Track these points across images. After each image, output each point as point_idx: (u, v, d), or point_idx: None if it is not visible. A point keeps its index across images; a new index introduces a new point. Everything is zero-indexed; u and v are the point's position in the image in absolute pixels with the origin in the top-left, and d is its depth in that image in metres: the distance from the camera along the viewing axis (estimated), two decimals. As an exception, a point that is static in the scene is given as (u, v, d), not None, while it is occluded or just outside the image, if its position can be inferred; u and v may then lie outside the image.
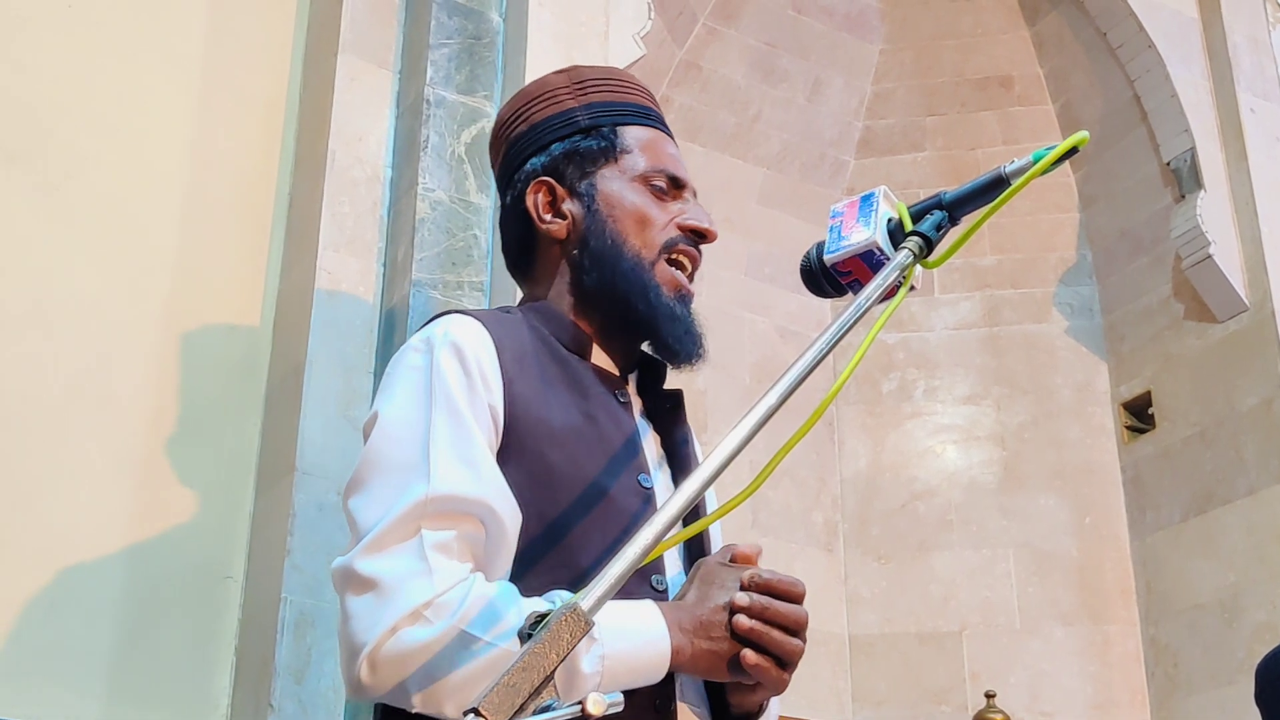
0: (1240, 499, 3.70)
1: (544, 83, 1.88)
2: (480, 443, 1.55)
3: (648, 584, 1.59)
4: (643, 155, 1.80)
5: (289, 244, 2.90)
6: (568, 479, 1.59)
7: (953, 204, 1.50)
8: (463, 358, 1.60)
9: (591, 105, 1.83)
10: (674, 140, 1.88)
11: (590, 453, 1.63)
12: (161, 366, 2.74)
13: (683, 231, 1.77)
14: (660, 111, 1.90)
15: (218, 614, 2.62)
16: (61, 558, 2.53)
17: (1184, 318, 3.95)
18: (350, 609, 1.47)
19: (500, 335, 1.65)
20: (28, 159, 2.73)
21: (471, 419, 1.56)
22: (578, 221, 1.77)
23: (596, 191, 1.77)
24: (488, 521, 1.52)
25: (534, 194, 1.79)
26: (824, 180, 4.35)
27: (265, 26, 3.11)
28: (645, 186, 1.78)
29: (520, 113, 1.86)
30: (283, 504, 2.54)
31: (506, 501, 1.53)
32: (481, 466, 1.53)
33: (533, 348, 1.67)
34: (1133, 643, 3.90)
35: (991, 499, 4.09)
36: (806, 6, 4.23)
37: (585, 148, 1.79)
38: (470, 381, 1.58)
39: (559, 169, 1.79)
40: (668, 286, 1.74)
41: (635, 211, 1.76)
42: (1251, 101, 3.96)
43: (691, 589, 1.55)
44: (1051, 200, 4.28)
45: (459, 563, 1.47)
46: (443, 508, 1.49)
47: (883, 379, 4.27)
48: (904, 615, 4.00)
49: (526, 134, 1.84)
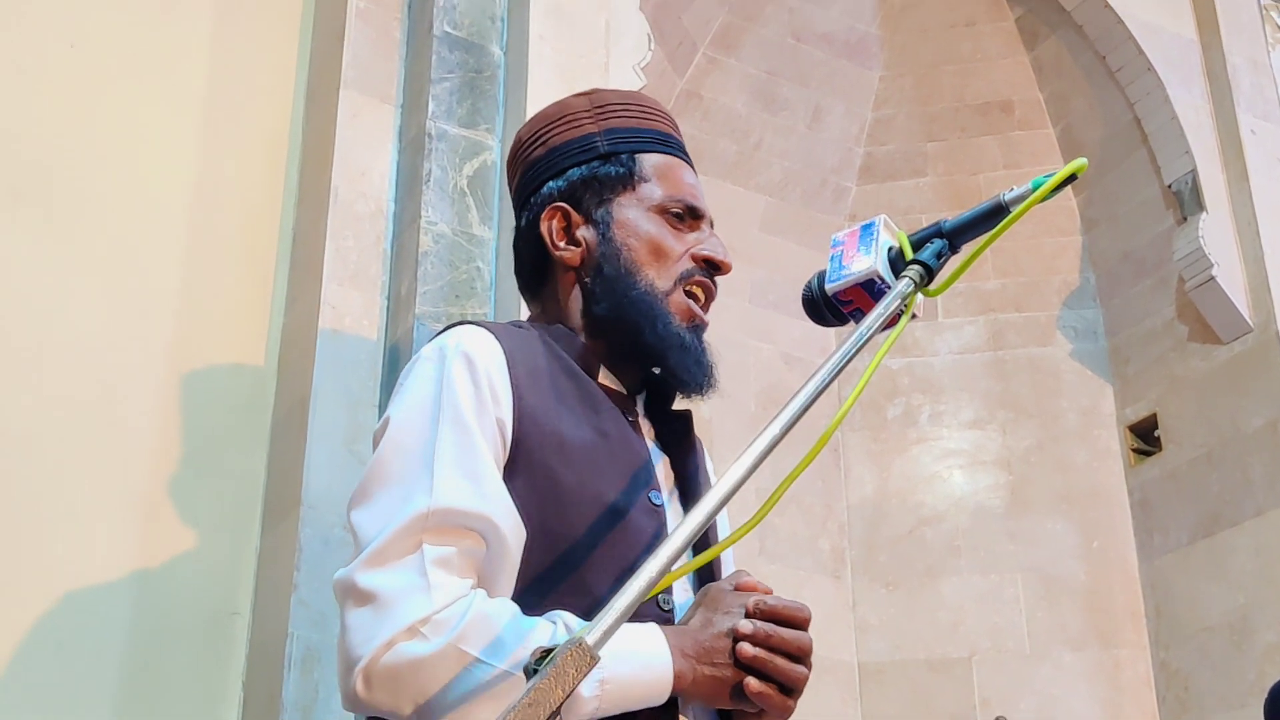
0: (1248, 520, 3.69)
1: (564, 105, 1.87)
2: (486, 457, 1.54)
3: (654, 603, 1.57)
4: (660, 184, 1.79)
5: (293, 279, 2.90)
6: (577, 494, 1.58)
7: (953, 232, 1.50)
8: (473, 369, 1.59)
9: (611, 131, 1.82)
10: (693, 167, 1.87)
11: (600, 469, 1.62)
12: (167, 402, 2.74)
13: (697, 263, 1.76)
14: (680, 137, 1.89)
15: (225, 650, 2.62)
16: (68, 594, 2.52)
17: (1188, 339, 3.95)
18: (349, 621, 1.47)
19: (512, 348, 1.64)
20: (33, 197, 2.75)
21: (478, 432, 1.55)
22: (592, 249, 1.76)
23: (612, 219, 1.76)
24: (490, 537, 1.51)
25: (549, 220, 1.78)
26: (826, 207, 4.35)
27: (268, 64, 3.13)
28: (662, 216, 1.77)
29: (539, 135, 1.85)
30: (289, 539, 2.54)
31: (510, 517, 1.52)
32: (485, 481, 1.52)
33: (545, 362, 1.67)
34: (1143, 666, 3.88)
35: (999, 524, 4.08)
36: (806, 35, 4.24)
37: (603, 174, 1.78)
38: (479, 394, 1.57)
39: (576, 195, 1.78)
40: (680, 315, 1.73)
41: (650, 241, 1.75)
42: (1252, 123, 3.97)
43: (696, 614, 1.55)
44: (1054, 224, 4.28)
45: (459, 578, 1.47)
46: (444, 521, 1.49)
47: (888, 404, 4.27)
48: (913, 642, 3.98)
49: (544, 158, 1.83)
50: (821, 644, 1.58)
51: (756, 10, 4.14)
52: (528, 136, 1.87)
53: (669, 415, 1.80)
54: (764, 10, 4.15)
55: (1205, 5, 4.13)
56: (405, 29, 3.06)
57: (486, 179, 2.87)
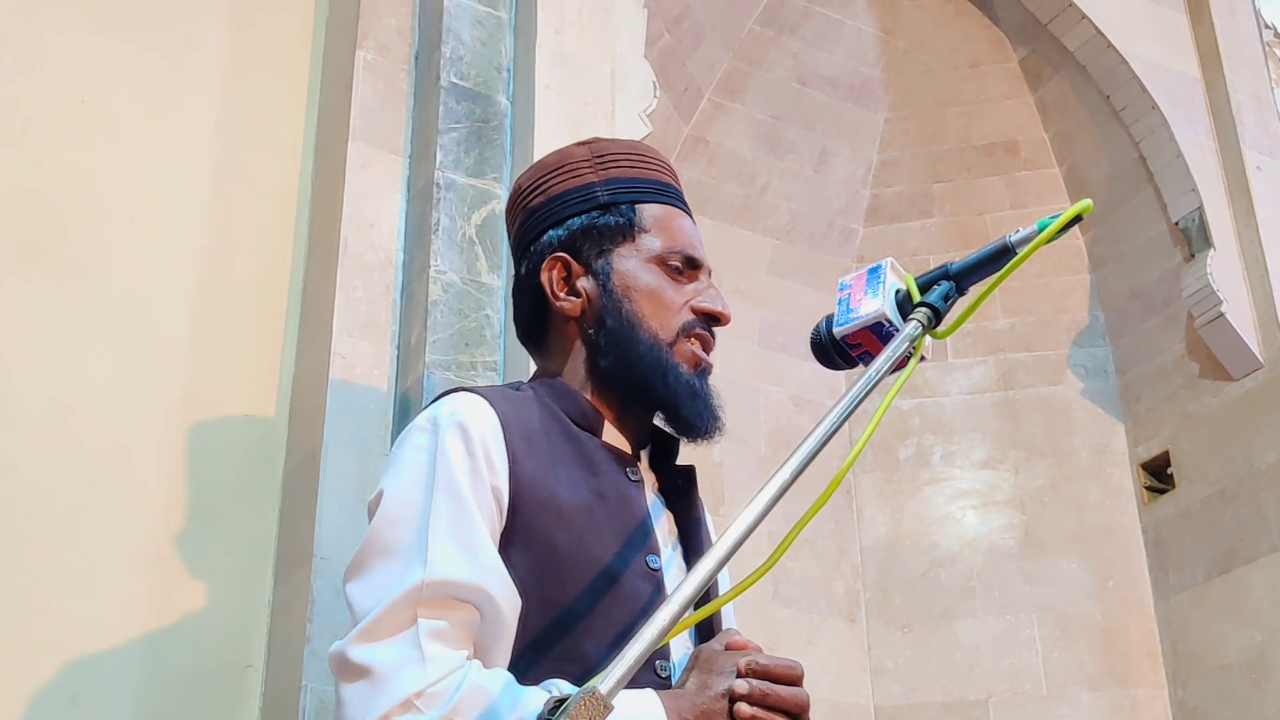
0: (1263, 557, 3.68)
1: (564, 154, 1.87)
2: (480, 527, 1.54)
3: (652, 670, 1.57)
4: (660, 235, 1.79)
5: (303, 330, 2.91)
6: (574, 560, 1.58)
7: (959, 274, 1.51)
8: (468, 439, 1.59)
9: (611, 181, 1.82)
10: (691, 216, 1.87)
11: (598, 532, 1.62)
12: (177, 456, 2.75)
13: (697, 315, 1.77)
14: (680, 186, 1.89)
15: (239, 703, 2.61)
16: (81, 649, 2.52)
17: (1199, 376, 3.94)
18: (343, 696, 1.47)
19: (507, 413, 1.64)
20: (43, 252, 2.76)
21: (473, 503, 1.55)
22: (592, 300, 1.76)
23: (612, 270, 1.76)
24: (485, 608, 1.51)
25: (549, 270, 1.78)
26: (833, 249, 4.36)
27: (276, 117, 3.15)
28: (661, 267, 1.77)
29: (539, 184, 1.85)
30: (301, 591, 2.53)
31: (505, 587, 1.52)
32: (480, 552, 1.52)
33: (542, 425, 1.67)
34: (1161, 706, 3.85)
35: (1013, 564, 4.06)
36: (810, 79, 4.26)
37: (603, 225, 1.78)
38: (474, 464, 1.58)
39: (575, 245, 1.78)
40: (686, 363, 1.74)
41: (650, 293, 1.75)
42: (1257, 159, 3.98)
43: (691, 677, 1.54)
44: (1062, 262, 4.29)
45: (454, 650, 1.47)
46: (439, 594, 1.49)
47: (899, 445, 4.26)
48: (929, 685, 3.96)
49: (544, 206, 1.83)
50: (837, 688, 1.58)
51: (760, 55, 4.17)
52: (528, 184, 1.87)
53: (674, 471, 1.80)
54: (768, 55, 4.18)
55: (1208, 43, 4.15)
56: (412, 80, 3.08)
57: (494, 228, 2.88)
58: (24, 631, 2.48)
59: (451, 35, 3.02)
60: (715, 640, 1.60)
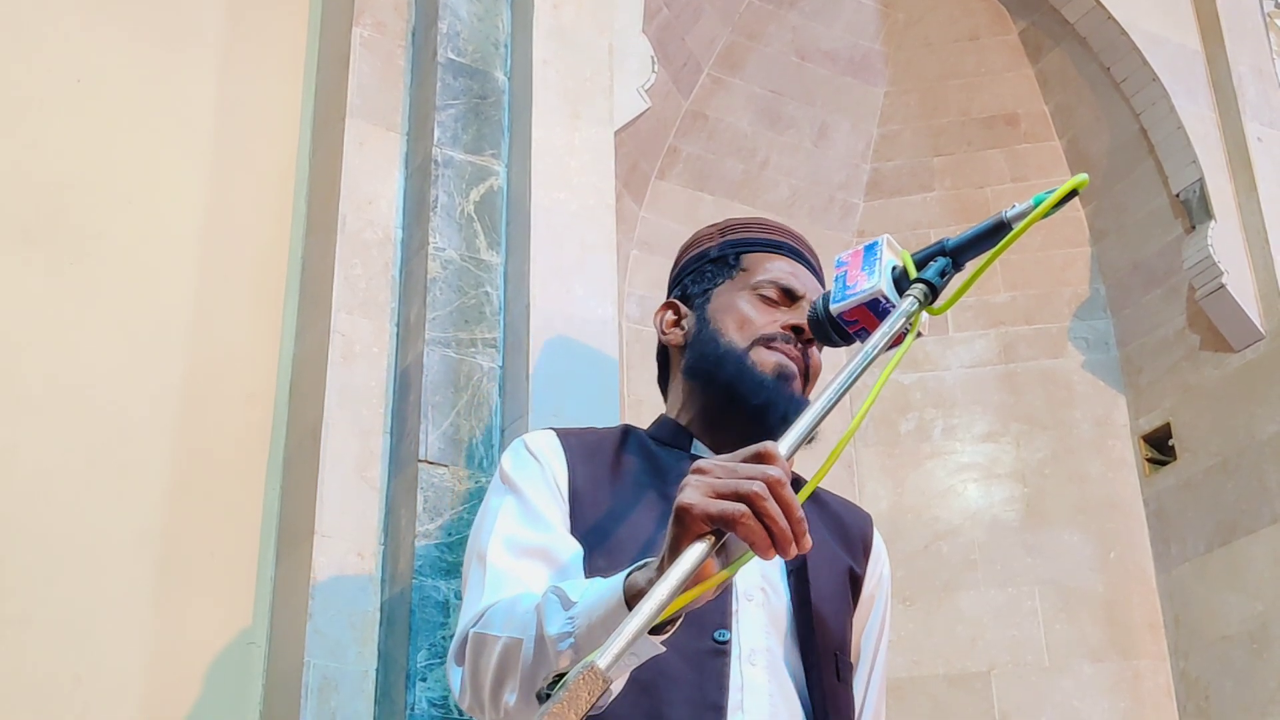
0: (1264, 528, 3.68)
1: (695, 235, 2.08)
2: (542, 506, 1.71)
3: (709, 638, 1.60)
4: (759, 271, 1.92)
5: (303, 309, 2.91)
6: (624, 545, 1.69)
7: (955, 250, 1.51)
8: (528, 449, 1.79)
9: (726, 241, 1.99)
10: (810, 268, 1.98)
11: (655, 525, 1.70)
12: (178, 436, 2.75)
13: (782, 329, 1.87)
14: (804, 249, 2.00)
15: (242, 680, 2.62)
16: (83, 629, 2.53)
17: (1200, 348, 3.94)
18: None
19: (569, 435, 1.81)
20: (41, 235, 2.76)
21: (541, 486, 1.74)
22: (690, 331, 1.93)
23: (709, 304, 1.92)
24: (553, 556, 1.65)
25: (660, 313, 1.99)
26: (834, 223, 4.36)
27: (273, 95, 3.15)
28: (754, 294, 1.90)
29: (675, 261, 2.08)
30: (303, 568, 2.54)
31: (568, 540, 1.67)
32: (542, 521, 1.70)
33: (614, 444, 1.82)
34: (1163, 677, 3.86)
35: (1015, 537, 4.07)
36: (810, 53, 4.25)
37: (709, 270, 1.96)
38: (543, 470, 1.76)
39: (685, 290, 1.97)
40: (763, 366, 1.83)
41: (737, 314, 1.88)
42: (1259, 131, 3.97)
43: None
44: (1062, 235, 4.28)
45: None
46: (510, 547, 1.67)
47: (900, 419, 4.26)
48: (931, 657, 3.97)
49: (673, 277, 2.05)
50: (838, 662, 1.58)
51: (760, 29, 4.15)
52: (673, 266, 2.10)
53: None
54: (767, 29, 4.16)
55: (1209, 15, 4.14)
56: (409, 57, 3.08)
57: (493, 204, 2.88)
58: (27, 612, 2.49)
59: (448, 11, 3.02)
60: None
